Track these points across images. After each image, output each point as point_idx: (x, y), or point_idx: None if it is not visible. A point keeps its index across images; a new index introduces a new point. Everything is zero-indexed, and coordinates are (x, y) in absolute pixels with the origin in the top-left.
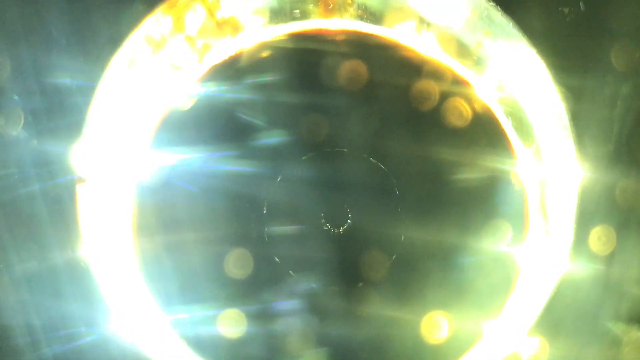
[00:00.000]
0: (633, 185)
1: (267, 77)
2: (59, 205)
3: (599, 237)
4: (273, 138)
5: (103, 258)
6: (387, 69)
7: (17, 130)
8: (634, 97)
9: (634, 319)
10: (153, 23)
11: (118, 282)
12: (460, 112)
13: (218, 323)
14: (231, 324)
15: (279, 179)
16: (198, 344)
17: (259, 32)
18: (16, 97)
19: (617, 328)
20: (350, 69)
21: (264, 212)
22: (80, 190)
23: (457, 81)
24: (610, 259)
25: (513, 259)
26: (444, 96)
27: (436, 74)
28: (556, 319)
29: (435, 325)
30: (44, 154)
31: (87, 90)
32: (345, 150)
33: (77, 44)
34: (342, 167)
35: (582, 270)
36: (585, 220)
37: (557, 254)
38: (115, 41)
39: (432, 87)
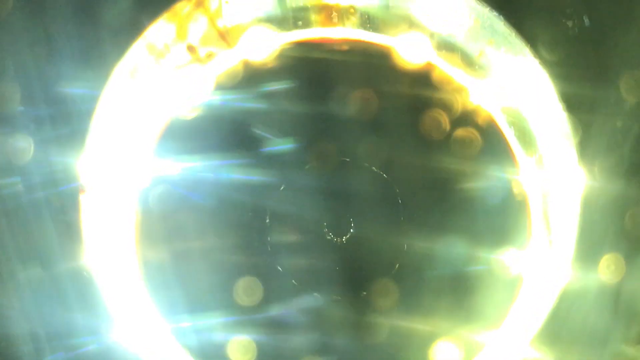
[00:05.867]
0: (635, 192)
1: (270, 86)
2: (62, 214)
3: (599, 240)
4: (276, 147)
5: (106, 267)
6: (390, 78)
7: (20, 139)
8: (637, 108)
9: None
10: (156, 32)
11: (121, 291)
12: (462, 121)
13: (220, 332)
14: (234, 333)
15: (282, 188)
16: (201, 353)
17: (262, 41)
18: (20, 107)
19: (620, 334)
20: (353, 78)
21: (267, 221)
22: (83, 199)
23: (460, 90)
24: (612, 266)
25: (515, 268)
26: (447, 105)
27: (439, 83)
28: (559, 330)
29: (437, 335)
30: (47, 162)
31: (90, 99)
32: (348, 159)
33: (80, 53)
34: (345, 177)
35: (584, 280)
36: (588, 230)
37: (560, 264)
38: (118, 50)
39: (434, 97)
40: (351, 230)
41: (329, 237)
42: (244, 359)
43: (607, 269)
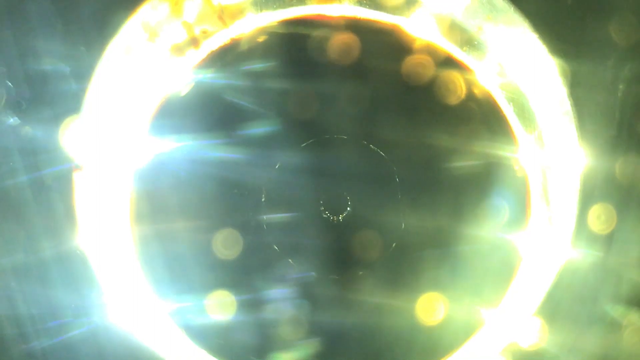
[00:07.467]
0: (634, 169)
1: (266, 64)
2: (55, 194)
3: (599, 217)
4: (272, 125)
5: (100, 247)
6: (387, 56)
7: (12, 118)
8: (636, 82)
9: (633, 303)
10: (150, 9)
11: (115, 271)
12: (461, 98)
13: (216, 311)
14: (230, 312)
15: (277, 167)
16: (196, 332)
17: (257, 18)
18: (10, 84)
19: (617, 312)
20: (350, 55)
21: (263, 199)
22: (77, 178)
23: (458, 67)
24: (611, 243)
25: (515, 245)
26: (445, 82)
27: (437, 60)
28: (559, 306)
29: (436, 312)
30: (40, 141)
31: (83, 77)
32: (345, 137)
33: (74, 31)
34: (341, 154)
35: (585, 256)
36: (587, 207)
37: (560, 240)
38: (112, 27)
39: (433, 74)
40: (348, 209)
41: (325, 216)
42: (240, 338)
43: (605, 243)
